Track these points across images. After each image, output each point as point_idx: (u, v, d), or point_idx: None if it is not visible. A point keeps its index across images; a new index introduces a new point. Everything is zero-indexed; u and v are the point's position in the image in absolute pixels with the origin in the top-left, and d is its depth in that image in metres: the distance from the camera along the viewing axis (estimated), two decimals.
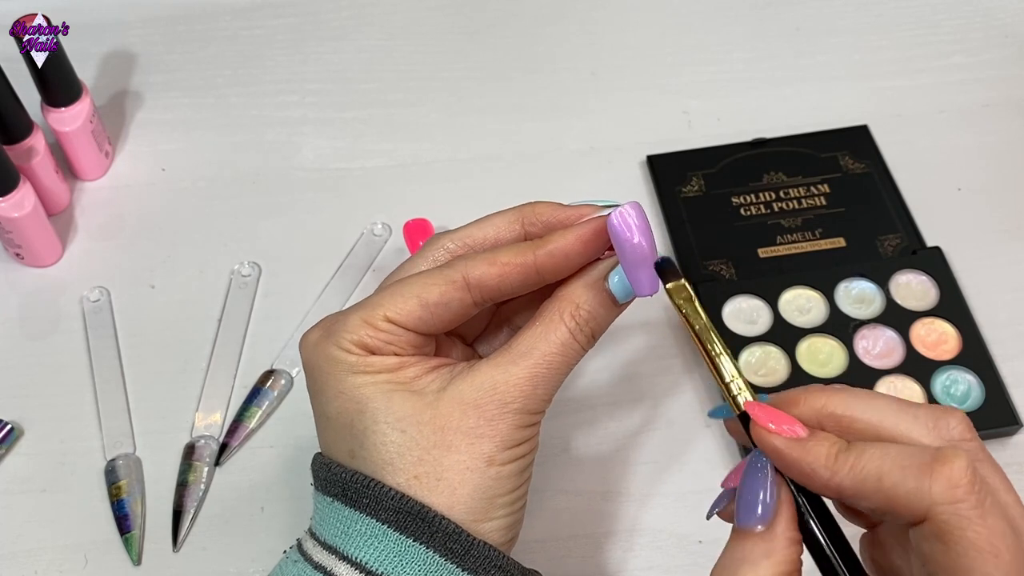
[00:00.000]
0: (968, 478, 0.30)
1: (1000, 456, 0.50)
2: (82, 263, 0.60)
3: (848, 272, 0.56)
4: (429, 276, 0.39)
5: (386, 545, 0.36)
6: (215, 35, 0.71)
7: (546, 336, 0.38)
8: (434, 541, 0.36)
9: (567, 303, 0.39)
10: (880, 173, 0.61)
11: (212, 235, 0.61)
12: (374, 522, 0.36)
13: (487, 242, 0.41)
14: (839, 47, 0.69)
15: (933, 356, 0.53)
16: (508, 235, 0.41)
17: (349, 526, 0.37)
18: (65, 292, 0.59)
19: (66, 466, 0.52)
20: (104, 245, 0.61)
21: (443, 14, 0.72)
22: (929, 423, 0.33)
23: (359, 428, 0.37)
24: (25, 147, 0.59)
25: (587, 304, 0.39)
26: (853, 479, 0.31)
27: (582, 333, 0.39)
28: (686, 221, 0.59)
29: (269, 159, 0.65)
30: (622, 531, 0.49)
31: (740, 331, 0.54)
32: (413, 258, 0.42)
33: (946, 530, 0.29)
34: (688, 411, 0.53)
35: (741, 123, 0.64)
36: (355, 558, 0.36)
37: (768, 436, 0.33)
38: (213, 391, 0.54)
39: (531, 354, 0.38)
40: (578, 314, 0.39)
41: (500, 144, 0.65)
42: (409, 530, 0.36)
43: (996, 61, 0.67)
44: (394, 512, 0.36)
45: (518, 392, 0.38)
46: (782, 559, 0.32)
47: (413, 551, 0.36)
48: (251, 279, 0.59)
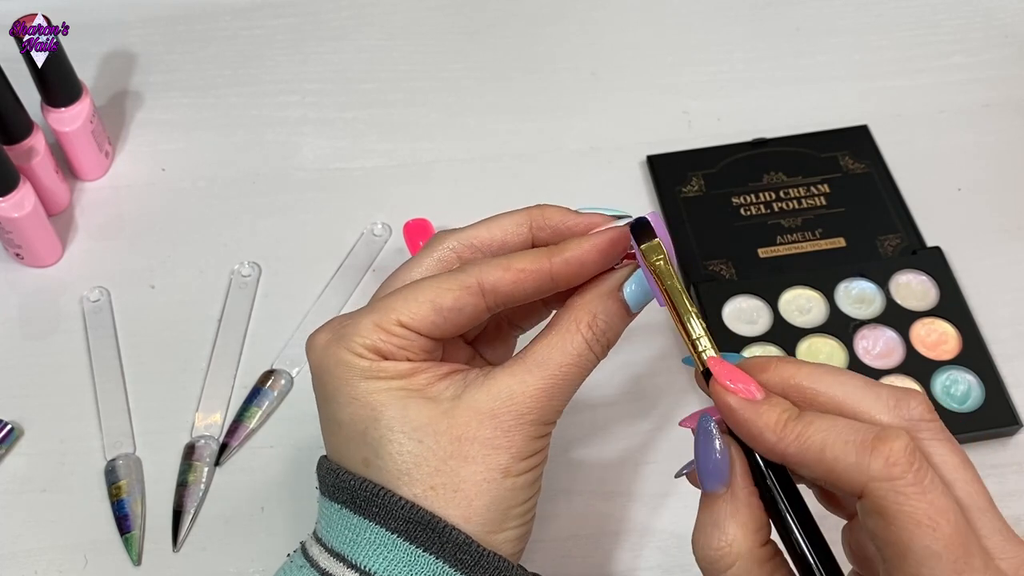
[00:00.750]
0: (907, 456, 0.30)
1: (1000, 456, 0.51)
2: (82, 263, 0.60)
3: (848, 272, 0.56)
4: (442, 281, 0.38)
5: (396, 555, 0.36)
6: (215, 35, 0.71)
7: (562, 346, 0.38)
8: (444, 552, 0.36)
9: (584, 313, 0.39)
10: (880, 173, 0.61)
11: (212, 235, 0.61)
12: (384, 531, 0.36)
13: (494, 244, 0.41)
14: (839, 47, 0.69)
15: (933, 356, 0.53)
16: (515, 238, 0.41)
17: (358, 534, 0.36)
18: (65, 292, 0.59)
19: (66, 466, 0.52)
20: (104, 245, 0.61)
21: (443, 14, 0.72)
22: (891, 402, 0.33)
23: (374, 436, 0.37)
24: (25, 147, 0.59)
25: (604, 314, 0.39)
26: (798, 447, 0.32)
27: (598, 343, 0.39)
28: (686, 221, 0.59)
29: (269, 159, 0.65)
30: (622, 531, 0.49)
31: (740, 331, 0.54)
32: (417, 257, 0.41)
33: (884, 505, 0.30)
34: (688, 411, 0.53)
35: (741, 123, 0.64)
36: (364, 566, 0.36)
37: (724, 393, 0.34)
38: (213, 391, 0.54)
39: (547, 364, 0.38)
40: (595, 324, 0.39)
41: (500, 144, 0.65)
42: (419, 540, 0.36)
43: (996, 61, 0.67)
44: (404, 522, 0.36)
45: (534, 403, 0.37)
46: (746, 519, 0.33)
47: (423, 561, 0.36)
48: (251, 279, 0.59)
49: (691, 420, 0.36)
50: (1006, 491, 0.50)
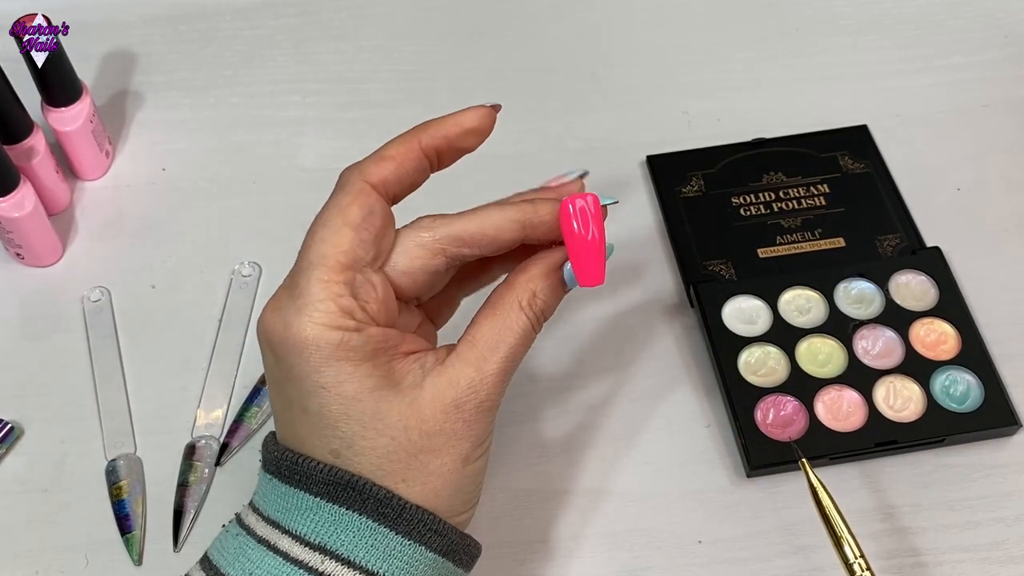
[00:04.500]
0: None
1: (999, 456, 0.51)
2: (83, 263, 0.60)
3: (847, 272, 0.56)
4: (339, 200, 0.40)
5: (321, 516, 0.37)
6: (215, 35, 0.71)
7: (509, 327, 0.40)
8: (366, 508, 0.37)
9: (524, 291, 0.40)
10: (880, 173, 0.61)
11: (213, 235, 0.61)
12: (308, 496, 0.38)
13: (485, 240, 0.41)
14: (839, 47, 0.69)
15: (932, 356, 0.53)
16: (509, 235, 0.41)
17: (288, 501, 0.38)
18: (66, 292, 0.59)
19: (67, 466, 0.52)
20: (105, 245, 0.61)
21: (443, 14, 0.72)
22: None
23: (346, 432, 0.38)
24: (25, 147, 0.59)
25: (543, 292, 0.41)
26: None
27: (538, 320, 0.41)
28: (686, 221, 0.59)
29: (269, 159, 0.65)
30: (622, 531, 0.49)
31: (740, 331, 0.54)
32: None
33: None
34: (688, 411, 0.53)
35: (741, 123, 0.64)
36: (295, 531, 0.38)
37: None
38: (214, 391, 0.54)
39: (498, 347, 0.39)
40: (535, 302, 0.40)
41: (500, 144, 0.65)
42: (341, 500, 0.37)
43: (996, 61, 0.68)
44: (325, 484, 0.37)
45: (493, 388, 0.39)
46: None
47: (347, 519, 0.37)
48: (252, 279, 0.59)
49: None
50: (1005, 491, 0.50)
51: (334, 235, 0.39)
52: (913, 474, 0.50)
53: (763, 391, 0.52)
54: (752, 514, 0.49)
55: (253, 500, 0.41)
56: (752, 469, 0.50)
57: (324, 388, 0.37)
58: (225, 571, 0.38)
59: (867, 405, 0.51)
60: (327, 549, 0.37)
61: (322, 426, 0.38)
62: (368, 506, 0.37)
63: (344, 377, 0.37)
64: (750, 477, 0.50)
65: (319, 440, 0.38)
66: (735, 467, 0.51)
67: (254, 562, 0.38)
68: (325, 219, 0.40)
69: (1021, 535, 0.48)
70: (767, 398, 0.52)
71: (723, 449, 0.52)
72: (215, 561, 0.39)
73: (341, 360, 0.37)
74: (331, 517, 0.37)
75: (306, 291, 0.38)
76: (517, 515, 0.50)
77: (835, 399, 0.52)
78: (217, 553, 0.40)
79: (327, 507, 0.37)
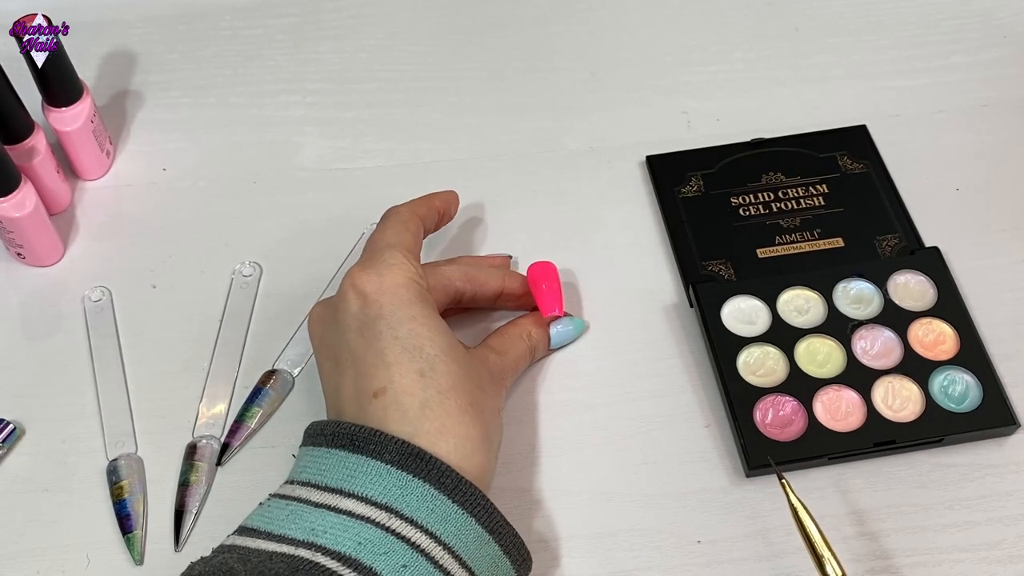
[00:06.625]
0: None
1: (998, 456, 0.51)
2: (83, 263, 0.60)
3: (846, 272, 0.56)
4: (399, 212, 0.52)
5: (390, 480, 0.42)
6: (215, 35, 0.71)
7: (515, 344, 0.53)
8: (430, 476, 0.42)
9: (524, 329, 0.54)
10: (879, 173, 0.61)
11: (213, 235, 0.61)
12: (379, 463, 0.42)
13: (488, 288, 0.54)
14: (839, 47, 0.69)
15: (931, 356, 0.53)
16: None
17: (356, 468, 0.42)
18: (66, 292, 0.59)
19: (68, 466, 0.52)
20: (105, 245, 0.61)
21: (443, 14, 0.73)
22: None
23: (430, 354, 0.45)
24: (26, 147, 0.59)
25: (536, 335, 0.54)
26: None
27: (533, 350, 0.54)
28: (685, 221, 0.59)
29: (269, 159, 0.65)
30: (622, 531, 0.49)
31: (739, 331, 0.54)
32: None
33: None
34: (688, 411, 0.53)
35: (740, 123, 0.64)
36: (361, 493, 0.42)
37: None
38: (214, 391, 0.55)
39: (509, 353, 0.52)
40: (530, 338, 0.54)
41: (500, 144, 0.65)
42: (410, 467, 0.42)
43: (995, 61, 0.68)
44: (398, 453, 0.42)
45: (510, 371, 0.52)
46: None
47: (413, 484, 0.42)
48: (252, 279, 0.59)
49: None
50: (1004, 491, 0.50)
51: (402, 233, 0.50)
52: (912, 474, 0.50)
53: (762, 391, 0.52)
54: (751, 514, 0.50)
55: (299, 478, 0.44)
56: (751, 469, 0.50)
57: (414, 318, 0.46)
58: (279, 532, 0.41)
59: (866, 405, 0.51)
60: (393, 508, 0.41)
61: (410, 348, 0.45)
62: (432, 475, 0.42)
63: (429, 312, 0.47)
64: (749, 477, 0.50)
65: (408, 360, 0.45)
66: (734, 467, 0.51)
67: (314, 521, 0.41)
68: (391, 223, 0.51)
69: (1019, 535, 0.49)
70: (766, 398, 0.52)
71: (722, 449, 0.52)
72: (261, 528, 0.42)
73: (426, 301, 0.47)
74: (399, 481, 0.42)
75: (392, 257, 0.48)
76: (517, 515, 0.50)
77: (834, 399, 0.52)
78: (263, 521, 0.42)
79: (396, 473, 0.42)
